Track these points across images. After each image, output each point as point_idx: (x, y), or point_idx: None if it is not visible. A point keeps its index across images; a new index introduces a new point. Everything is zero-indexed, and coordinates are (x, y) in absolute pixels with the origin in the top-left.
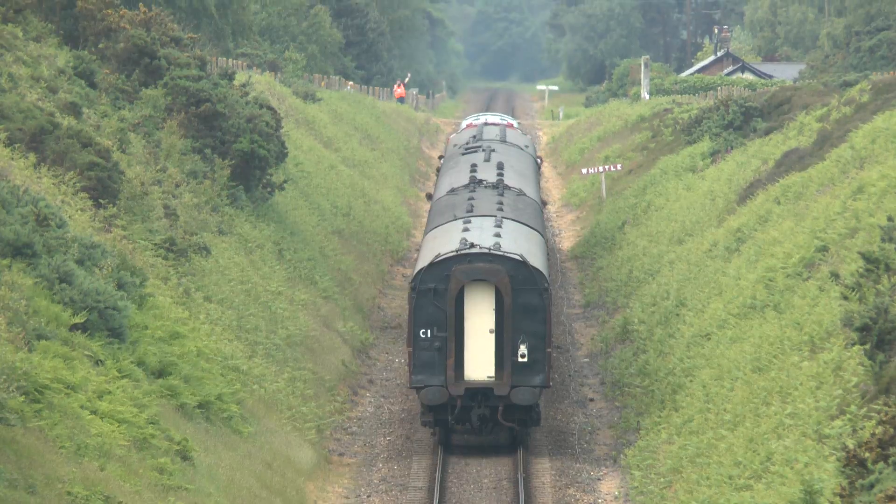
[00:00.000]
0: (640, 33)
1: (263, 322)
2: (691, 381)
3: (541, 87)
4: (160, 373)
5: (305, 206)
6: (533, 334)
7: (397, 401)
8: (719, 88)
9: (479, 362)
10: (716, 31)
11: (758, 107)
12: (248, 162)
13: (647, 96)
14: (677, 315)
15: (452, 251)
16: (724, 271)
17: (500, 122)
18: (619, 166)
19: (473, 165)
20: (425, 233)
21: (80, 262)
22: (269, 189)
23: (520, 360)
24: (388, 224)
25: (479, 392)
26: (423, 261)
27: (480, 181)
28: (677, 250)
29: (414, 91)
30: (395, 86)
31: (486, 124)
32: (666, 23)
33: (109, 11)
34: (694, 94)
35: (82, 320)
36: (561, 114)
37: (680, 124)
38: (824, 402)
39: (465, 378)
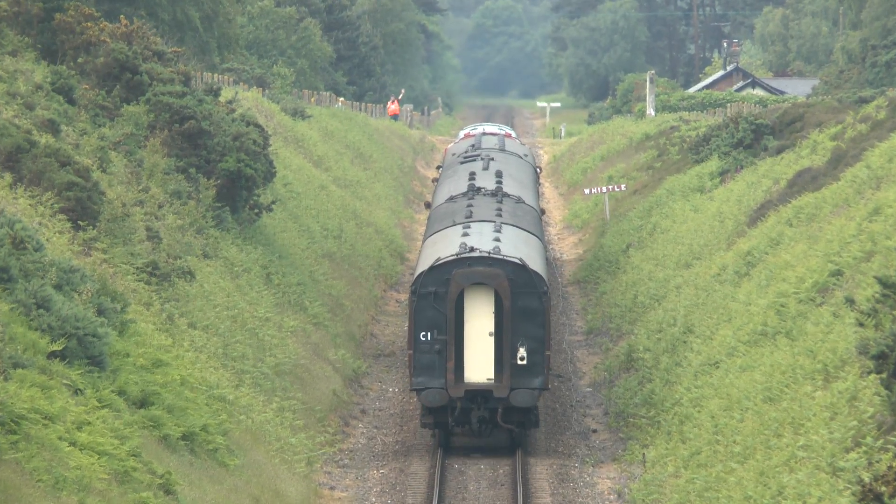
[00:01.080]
0: (646, 47)
1: (250, 350)
2: (699, 411)
3: (541, 103)
4: (142, 402)
5: (294, 229)
6: (532, 337)
7: (391, 432)
8: (728, 105)
9: (479, 365)
10: (725, 44)
11: (769, 124)
12: (234, 182)
13: (653, 113)
14: (684, 342)
15: (452, 255)
16: (734, 296)
17: (498, 132)
18: (623, 186)
19: (472, 174)
20: (424, 238)
21: (58, 287)
22: (256, 210)
23: (519, 362)
24: (382, 247)
25: (479, 394)
26: (424, 264)
27: (479, 189)
28: (684, 274)
29: (408, 108)
30: (389, 102)
31: (484, 134)
32: (672, 36)
33: (89, 24)
34: (702, 111)
35: (60, 348)
36: (563, 132)
37: (687, 143)
38: (839, 434)
39: (465, 380)
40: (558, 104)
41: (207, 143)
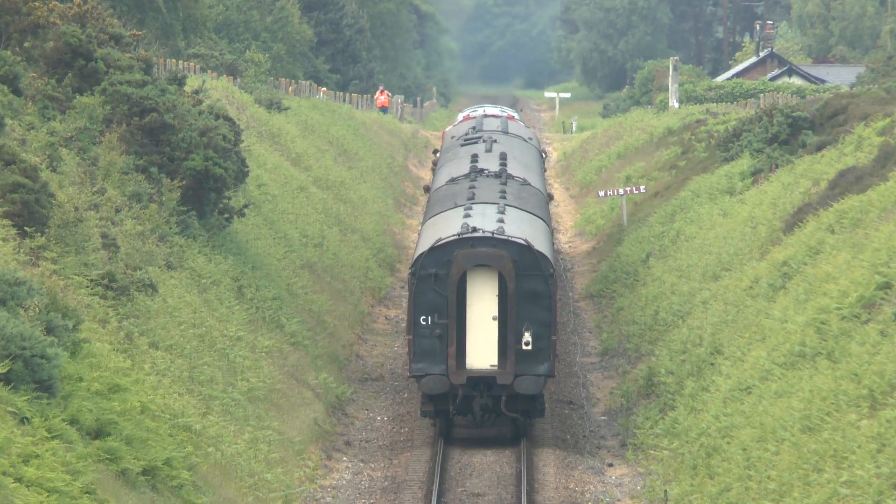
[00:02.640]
0: (668, 30)
1: (220, 373)
2: (729, 443)
3: (550, 93)
4: (97, 433)
5: (270, 236)
6: (537, 321)
7: (379, 466)
8: (762, 95)
9: (482, 350)
10: (758, 27)
11: (808, 117)
12: (201, 183)
13: (677, 105)
14: (712, 365)
15: (454, 235)
16: (768, 313)
17: (500, 114)
18: (642, 188)
19: (474, 156)
20: (423, 221)
21: (1, 302)
22: (226, 215)
23: (524, 347)
24: (369, 257)
25: (482, 381)
26: (424, 245)
27: (482, 170)
28: (712, 288)
29: (399, 99)
30: (378, 92)
31: (485, 116)
32: (699, 17)
33: (37, 4)
34: (732, 103)
35: (5, 370)
36: (574, 126)
37: (715, 138)
38: (886, 469)
39: (467, 367)
40: (569, 94)
41: (171, 138)
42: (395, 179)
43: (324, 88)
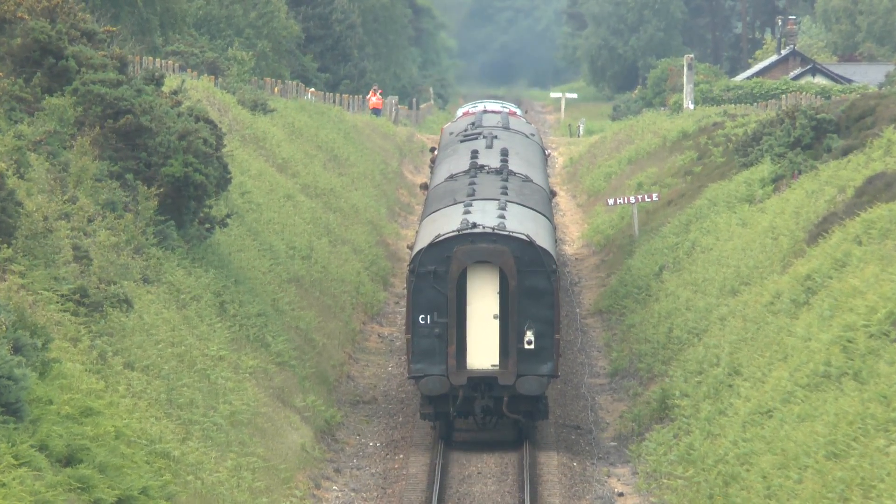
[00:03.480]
0: (683, 26)
1: (201, 395)
2: (748, 470)
3: (555, 94)
4: (68, 460)
5: (254, 247)
6: (540, 319)
7: (371, 496)
8: (783, 96)
9: (483, 350)
10: (779, 22)
11: (833, 119)
12: (180, 190)
13: (692, 106)
14: (730, 386)
15: (453, 231)
16: (791, 330)
17: (501, 109)
18: (655, 196)
19: (474, 152)
20: (422, 218)
21: None
22: (207, 225)
23: (526, 347)
24: (361, 270)
25: (483, 382)
26: (422, 242)
27: (482, 167)
28: (730, 303)
29: (393, 100)
30: (370, 93)
31: (485, 112)
32: (716, 12)
33: None
34: (751, 104)
35: None
36: (581, 129)
37: (733, 142)
38: None
39: (468, 367)
40: (576, 95)
41: (148, 142)
42: (389, 187)
43: (312, 89)
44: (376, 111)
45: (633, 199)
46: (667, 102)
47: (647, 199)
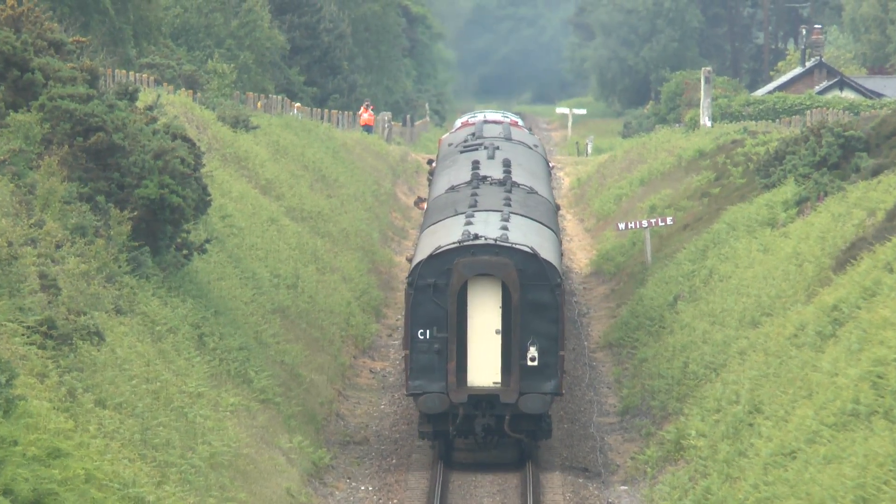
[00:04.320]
0: (700, 36)
1: (178, 435)
2: None
3: (562, 109)
4: None
5: (236, 275)
6: (544, 335)
7: None
8: (808, 112)
9: (484, 366)
10: (804, 32)
11: (862, 137)
12: (155, 214)
13: (709, 123)
14: (750, 425)
15: (454, 242)
16: (816, 365)
17: (502, 119)
18: (669, 220)
19: (475, 162)
20: (422, 229)
21: None
22: (185, 251)
23: (529, 363)
24: (351, 300)
25: (484, 399)
26: (422, 253)
27: (484, 178)
28: (750, 336)
29: (386, 116)
30: (361, 109)
31: (485, 122)
32: (735, 21)
33: None
34: (773, 120)
35: None
36: (589, 147)
37: (754, 162)
38: None
39: (469, 384)
40: (583, 111)
41: (121, 162)
42: (382, 210)
43: (298, 104)
44: (368, 128)
45: (645, 224)
46: (682, 118)
47: (660, 224)
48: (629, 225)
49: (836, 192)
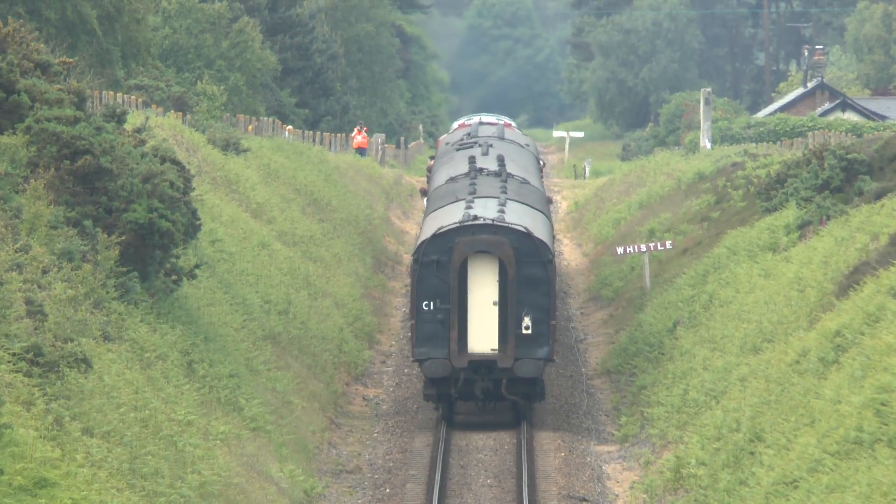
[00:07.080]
0: (700, 56)
1: (167, 464)
2: None
3: (559, 132)
4: None
5: (226, 301)
6: (537, 306)
7: None
8: (810, 134)
9: (483, 335)
10: (805, 52)
11: (865, 160)
12: (144, 238)
13: (709, 145)
14: (752, 454)
15: (455, 223)
16: (818, 392)
17: (496, 121)
18: (669, 244)
19: (472, 158)
20: (425, 215)
21: None
22: (174, 277)
23: (524, 332)
24: (343, 326)
25: (483, 365)
26: (426, 233)
27: (481, 169)
28: (752, 362)
29: (379, 139)
30: (355, 131)
31: (481, 123)
32: (735, 42)
33: None
34: (775, 143)
35: None
36: (587, 170)
37: (755, 185)
38: None
39: (469, 350)
40: (581, 133)
41: (108, 186)
42: (375, 234)
43: (290, 126)
44: (361, 151)
45: (643, 248)
46: (681, 141)
47: (659, 248)
48: (628, 249)
49: (838, 215)
